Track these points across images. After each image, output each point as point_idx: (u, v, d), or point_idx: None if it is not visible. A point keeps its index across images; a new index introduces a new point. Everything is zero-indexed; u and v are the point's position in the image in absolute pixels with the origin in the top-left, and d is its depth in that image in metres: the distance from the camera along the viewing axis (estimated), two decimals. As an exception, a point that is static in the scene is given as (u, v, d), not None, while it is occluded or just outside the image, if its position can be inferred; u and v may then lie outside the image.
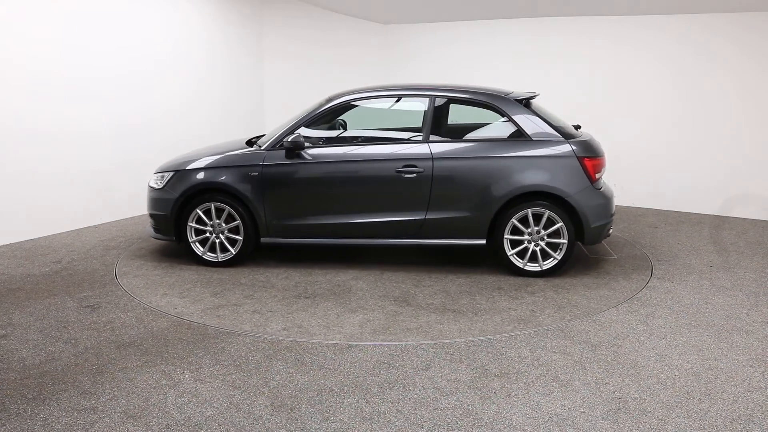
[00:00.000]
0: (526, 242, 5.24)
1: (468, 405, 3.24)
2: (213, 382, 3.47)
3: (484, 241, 5.29)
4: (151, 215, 5.71)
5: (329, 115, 5.64)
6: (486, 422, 3.08)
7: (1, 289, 4.93)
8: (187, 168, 5.56)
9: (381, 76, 9.86)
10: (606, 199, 5.28)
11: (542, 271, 5.24)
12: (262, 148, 5.49)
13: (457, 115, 5.85)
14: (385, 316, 4.45)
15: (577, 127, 5.72)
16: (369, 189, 5.33)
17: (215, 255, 5.55)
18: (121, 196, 7.27)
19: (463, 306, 4.65)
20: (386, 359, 3.76)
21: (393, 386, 3.43)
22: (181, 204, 5.50)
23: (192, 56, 7.96)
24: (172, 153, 7.65)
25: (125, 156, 7.22)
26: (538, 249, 5.23)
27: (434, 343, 3.98)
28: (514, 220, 5.19)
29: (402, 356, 3.80)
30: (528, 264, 5.26)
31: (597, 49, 8.35)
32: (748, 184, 7.67)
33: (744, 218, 7.60)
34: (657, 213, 7.94)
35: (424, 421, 3.08)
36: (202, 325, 4.25)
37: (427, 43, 9.64)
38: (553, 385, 3.45)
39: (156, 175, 5.76)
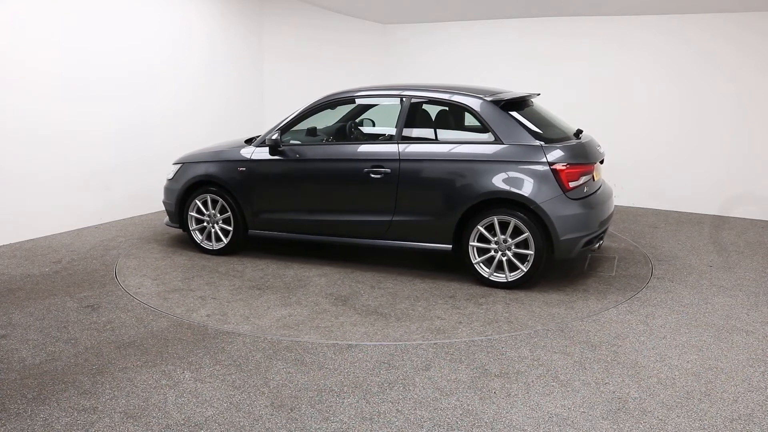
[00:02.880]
0: (492, 251, 4.96)
1: (468, 405, 3.24)
2: (213, 382, 3.47)
3: (450, 247, 5.09)
4: (164, 204, 6.17)
5: (310, 114, 5.74)
6: (486, 422, 3.08)
7: (1, 289, 4.93)
8: (189, 161, 6.02)
9: (381, 76, 9.85)
10: (586, 210, 4.88)
11: (508, 282, 4.95)
12: (252, 145, 5.81)
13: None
14: (309, 313, 4.50)
15: (579, 132, 5.46)
16: (340, 188, 5.41)
17: (211, 243, 5.90)
18: (121, 197, 7.27)
19: (395, 310, 4.57)
20: (386, 359, 3.76)
21: (393, 386, 3.43)
22: (183, 195, 5.92)
23: (192, 57, 7.95)
24: (172, 153, 7.65)
25: (125, 156, 7.22)
26: (504, 259, 4.93)
27: (434, 343, 3.98)
28: (480, 228, 4.94)
29: (402, 356, 3.80)
30: (494, 274, 4.97)
31: (597, 49, 8.35)
32: (748, 184, 7.67)
33: (744, 218, 7.60)
34: (657, 213, 7.94)
35: (424, 421, 3.08)
36: (202, 326, 4.26)
37: (427, 43, 9.63)
38: (553, 385, 3.45)
39: (172, 166, 6.21)
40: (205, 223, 5.91)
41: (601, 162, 5.57)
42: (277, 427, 3.03)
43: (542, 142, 4.91)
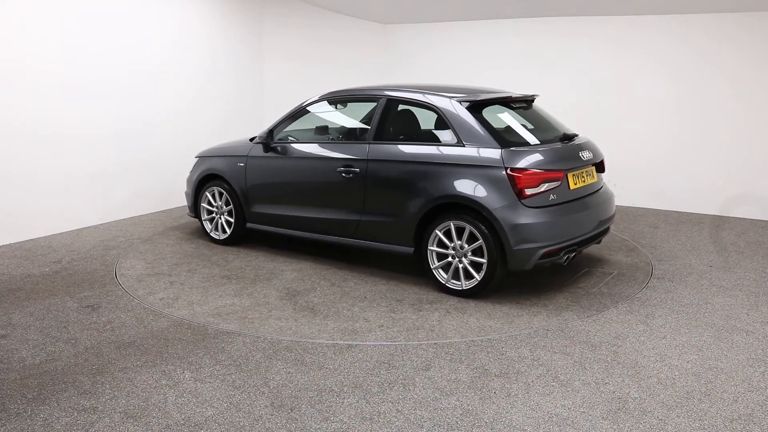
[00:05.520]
0: (450, 257, 4.80)
1: (468, 405, 3.24)
2: (213, 382, 3.47)
3: (411, 250, 5.01)
4: (185, 194, 6.63)
5: (297, 115, 5.87)
6: (486, 422, 3.08)
7: (1, 289, 4.93)
8: (204, 156, 6.45)
9: (381, 76, 9.86)
10: (548, 219, 4.57)
11: (464, 290, 4.75)
12: (252, 141, 6.09)
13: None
14: (249, 305, 4.64)
15: (569, 136, 5.21)
16: (316, 186, 5.54)
17: (219, 233, 6.30)
18: (121, 197, 7.27)
19: (330, 309, 4.56)
20: (386, 359, 3.76)
21: (393, 386, 3.43)
22: (197, 187, 6.36)
23: (192, 57, 7.95)
24: (172, 153, 7.67)
25: (125, 156, 7.22)
26: (461, 266, 4.75)
27: (434, 343, 3.98)
28: (438, 232, 4.80)
29: (402, 356, 3.80)
30: (451, 281, 4.81)
31: (597, 49, 8.35)
32: (748, 184, 7.67)
33: (744, 218, 7.60)
34: (657, 213, 7.94)
35: (424, 421, 3.08)
36: (202, 326, 4.26)
37: (427, 43, 9.64)
38: (553, 385, 3.45)
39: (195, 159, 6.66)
40: (214, 214, 6.29)
41: (599, 168, 5.29)
42: (277, 427, 3.03)
43: (501, 146, 4.65)
